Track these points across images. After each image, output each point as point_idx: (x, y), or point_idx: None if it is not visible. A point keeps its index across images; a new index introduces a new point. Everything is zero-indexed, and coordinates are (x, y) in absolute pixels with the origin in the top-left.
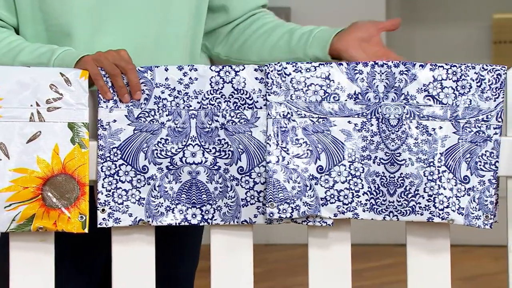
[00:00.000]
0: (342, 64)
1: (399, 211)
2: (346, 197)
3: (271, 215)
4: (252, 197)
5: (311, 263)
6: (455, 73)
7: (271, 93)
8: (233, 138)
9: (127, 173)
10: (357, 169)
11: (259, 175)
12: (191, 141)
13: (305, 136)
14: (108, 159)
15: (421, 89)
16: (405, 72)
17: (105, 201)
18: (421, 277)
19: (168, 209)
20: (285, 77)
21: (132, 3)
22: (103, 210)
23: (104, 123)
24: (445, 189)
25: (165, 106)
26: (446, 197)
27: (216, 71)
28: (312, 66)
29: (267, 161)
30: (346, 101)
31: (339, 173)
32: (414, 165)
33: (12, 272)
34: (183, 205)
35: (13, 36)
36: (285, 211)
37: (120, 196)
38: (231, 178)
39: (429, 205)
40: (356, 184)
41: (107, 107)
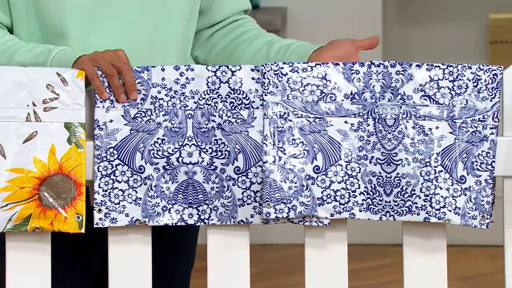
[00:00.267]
0: (338, 64)
1: (396, 211)
2: (342, 197)
3: (268, 215)
4: (248, 197)
5: (307, 263)
6: (451, 73)
7: (267, 93)
8: (229, 138)
9: (123, 173)
10: (353, 169)
11: (256, 175)
12: (188, 141)
13: (301, 136)
14: (104, 159)
15: (418, 89)
16: (402, 72)
17: (101, 201)
18: (418, 277)
19: (164, 209)
20: (281, 77)
21: (126, 3)
22: (100, 210)
23: (100, 123)
24: (441, 189)
25: (161, 106)
26: (442, 197)
27: (212, 71)
28: (308, 66)
29: (263, 161)
30: (342, 101)
31: (336, 173)
32: (410, 165)
33: (8, 272)
34: (179, 205)
35: (8, 35)
36: (281, 211)
37: (116, 196)
38: (228, 178)
39: (425, 205)
40: (352, 184)
41: (103, 107)
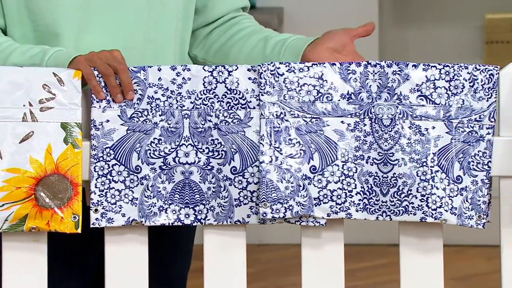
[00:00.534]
0: (335, 64)
1: (392, 211)
2: (339, 197)
3: (264, 215)
4: (245, 197)
5: (304, 263)
6: (448, 73)
7: (264, 93)
8: (226, 138)
9: (120, 173)
10: (350, 169)
11: (252, 175)
12: (184, 141)
13: (298, 136)
14: (101, 159)
15: (414, 89)
16: (398, 72)
17: (98, 201)
18: (414, 277)
19: (161, 209)
20: (278, 77)
21: (119, 1)
22: (96, 210)
23: (97, 123)
24: (438, 189)
25: (158, 106)
26: (439, 197)
27: (209, 71)
28: (305, 66)
29: (260, 161)
30: (339, 101)
31: (332, 173)
32: (407, 165)
33: (4, 272)
34: (176, 205)
35: (2, 37)
36: (278, 211)
37: (113, 196)
38: (224, 178)
39: (422, 205)
40: (349, 184)
41: (100, 107)
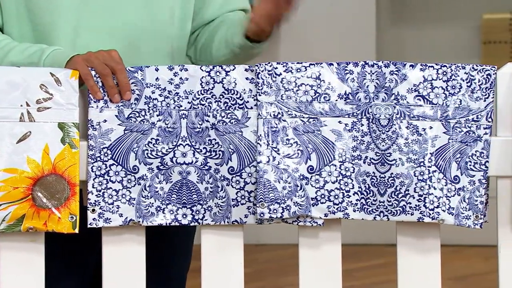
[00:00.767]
0: (332, 64)
1: (390, 211)
2: (336, 197)
3: (262, 215)
4: (242, 197)
5: (301, 263)
6: (445, 73)
7: (261, 93)
8: (223, 138)
9: (117, 173)
10: (347, 169)
11: (250, 175)
12: (182, 141)
13: (295, 136)
14: (98, 159)
15: (412, 89)
16: (396, 72)
17: (95, 201)
18: (412, 277)
19: (158, 209)
20: (275, 77)
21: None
22: (94, 210)
23: (94, 123)
24: (435, 189)
25: (155, 106)
26: (436, 197)
27: (206, 71)
28: (302, 66)
29: (257, 161)
30: (336, 101)
31: (330, 173)
32: (404, 165)
33: (2, 272)
34: (173, 205)
35: (1, 35)
36: (275, 211)
37: (110, 196)
38: (222, 178)
39: (419, 205)
40: (346, 184)
41: (97, 107)
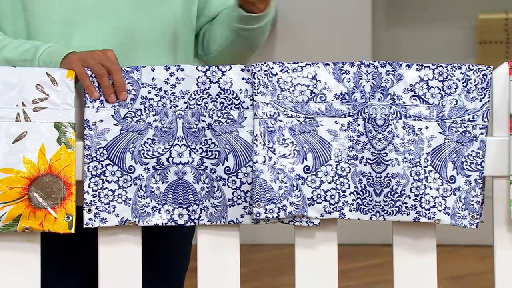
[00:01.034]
0: (328, 64)
1: (386, 211)
2: (332, 197)
3: (258, 215)
4: (238, 197)
5: (297, 263)
6: (441, 73)
7: (257, 93)
8: (219, 138)
9: (113, 173)
10: (343, 169)
11: (246, 175)
12: (178, 141)
13: (291, 136)
14: (94, 159)
15: (408, 89)
16: (392, 72)
17: (91, 201)
18: (408, 277)
19: (154, 209)
20: (271, 77)
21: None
22: (90, 210)
23: (90, 123)
24: (431, 189)
25: (151, 106)
26: (432, 197)
27: (202, 71)
28: (298, 66)
29: (253, 161)
30: (332, 101)
31: (326, 173)
32: (400, 165)
33: None
34: (169, 205)
35: None
36: (271, 211)
37: (106, 196)
38: (218, 178)
39: (415, 205)
40: (342, 184)
41: (93, 107)
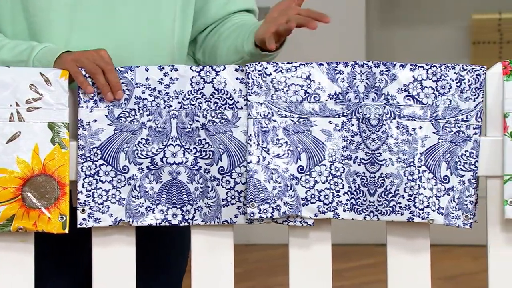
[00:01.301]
0: (322, 64)
1: (380, 211)
2: (326, 197)
3: (252, 215)
4: (232, 197)
5: (291, 263)
6: (435, 73)
7: (251, 93)
8: (213, 138)
9: (107, 173)
10: (337, 169)
11: (240, 175)
12: (172, 141)
13: (285, 136)
14: (88, 159)
15: (401, 89)
16: (386, 72)
17: (85, 201)
18: (401, 277)
19: (148, 209)
20: (265, 77)
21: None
22: (83, 210)
23: (84, 123)
24: (425, 189)
25: (145, 106)
26: (426, 197)
27: (196, 71)
28: (292, 66)
29: (247, 161)
30: (326, 101)
31: (320, 173)
32: (394, 165)
33: None
34: (163, 205)
35: None
36: (265, 211)
37: (100, 196)
38: (212, 178)
39: (409, 205)
40: (336, 184)
41: (87, 107)
